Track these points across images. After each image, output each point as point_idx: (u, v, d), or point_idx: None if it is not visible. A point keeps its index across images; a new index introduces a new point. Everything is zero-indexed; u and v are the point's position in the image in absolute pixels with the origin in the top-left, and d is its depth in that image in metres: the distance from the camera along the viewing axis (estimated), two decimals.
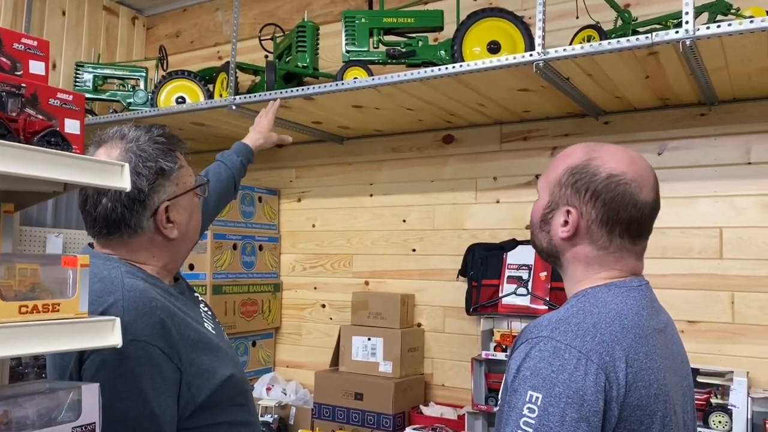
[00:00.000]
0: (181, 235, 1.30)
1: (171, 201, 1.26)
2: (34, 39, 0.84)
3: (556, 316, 1.07)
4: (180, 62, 3.39)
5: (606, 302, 1.08)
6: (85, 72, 2.96)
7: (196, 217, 1.36)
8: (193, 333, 1.23)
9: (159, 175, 1.24)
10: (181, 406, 1.18)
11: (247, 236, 2.97)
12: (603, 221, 1.12)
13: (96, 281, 1.16)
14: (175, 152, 1.30)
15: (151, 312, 1.16)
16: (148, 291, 1.20)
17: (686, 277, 2.23)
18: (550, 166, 1.22)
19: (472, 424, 2.37)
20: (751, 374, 2.07)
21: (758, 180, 2.16)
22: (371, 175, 2.94)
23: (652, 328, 1.10)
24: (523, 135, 2.59)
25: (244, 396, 1.32)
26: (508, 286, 2.44)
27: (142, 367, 1.12)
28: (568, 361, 0.98)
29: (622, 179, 1.12)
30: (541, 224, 1.19)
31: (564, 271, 1.19)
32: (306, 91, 2.29)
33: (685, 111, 2.29)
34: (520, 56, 1.93)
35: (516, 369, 1.02)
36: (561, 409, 0.95)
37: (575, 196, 1.13)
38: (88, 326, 0.79)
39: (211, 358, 1.24)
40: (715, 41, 1.68)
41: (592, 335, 1.01)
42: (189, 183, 1.32)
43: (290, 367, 3.09)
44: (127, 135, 1.26)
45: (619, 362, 1.00)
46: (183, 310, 1.26)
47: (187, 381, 1.18)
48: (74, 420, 0.83)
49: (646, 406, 1.01)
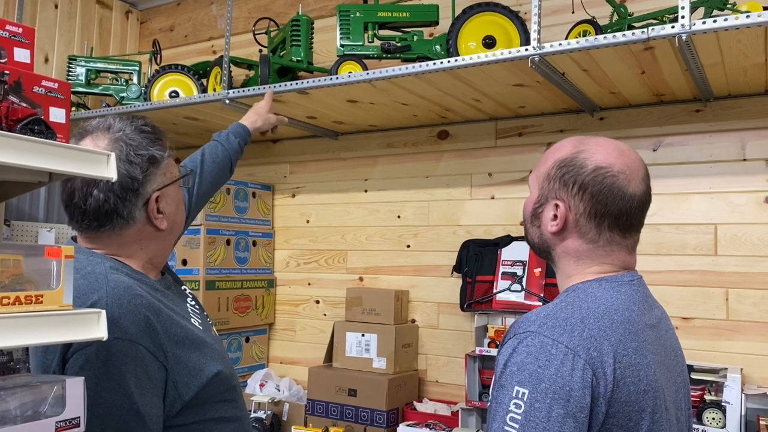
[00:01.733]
0: (170, 226, 1.29)
1: (161, 191, 1.25)
2: (19, 26, 0.83)
3: (545, 311, 1.06)
4: (174, 56, 3.37)
5: (596, 297, 1.07)
6: (77, 66, 2.93)
7: (181, 208, 1.35)
8: (179, 330, 1.21)
9: (151, 163, 1.23)
10: (168, 404, 1.17)
11: (241, 232, 2.95)
12: (591, 214, 1.11)
13: (79, 277, 1.14)
14: (161, 141, 1.28)
15: (136, 309, 1.14)
16: (133, 287, 1.18)
17: (680, 273, 2.22)
18: (540, 160, 1.21)
19: (465, 420, 2.36)
20: (744, 371, 2.06)
21: (753, 176, 2.15)
22: (366, 171, 2.93)
23: (643, 323, 1.08)
24: (518, 131, 2.58)
25: (232, 392, 1.30)
26: (502, 282, 2.43)
27: (128, 365, 1.10)
28: (555, 356, 0.97)
29: (609, 171, 1.10)
30: (532, 219, 1.18)
31: (556, 265, 1.19)
32: (300, 85, 2.27)
33: (681, 107, 2.28)
34: (515, 51, 1.92)
35: (503, 364, 1.01)
36: (547, 405, 0.94)
37: (563, 190, 1.13)
38: (73, 318, 0.78)
39: (198, 355, 1.22)
40: (711, 36, 1.67)
41: (580, 330, 1.00)
42: (175, 173, 1.31)
43: (284, 363, 3.07)
44: (113, 125, 1.25)
45: (607, 357, 0.99)
46: (169, 306, 1.24)
47: (174, 379, 1.17)
48: (58, 414, 0.82)
49: (634, 402, 0.99)
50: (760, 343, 2.10)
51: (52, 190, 2.90)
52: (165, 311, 1.21)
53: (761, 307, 2.10)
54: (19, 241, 2.70)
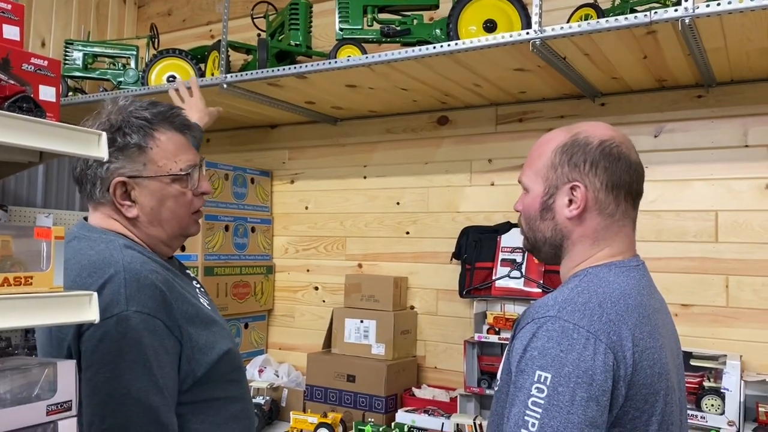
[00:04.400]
0: (146, 218, 1.26)
1: (132, 179, 1.23)
2: (8, 2, 0.81)
3: (561, 295, 1.06)
4: (171, 41, 3.33)
5: (608, 282, 1.08)
6: (74, 50, 2.90)
7: (172, 207, 1.28)
8: (190, 308, 1.23)
9: (119, 149, 1.22)
10: (180, 379, 1.18)
11: (239, 218, 2.94)
12: (609, 187, 1.12)
13: (93, 253, 1.16)
14: (152, 132, 1.25)
15: (153, 284, 1.15)
16: (148, 263, 1.20)
17: (681, 260, 2.21)
18: (529, 158, 1.22)
19: (464, 406, 2.36)
20: (744, 358, 2.06)
21: (755, 163, 2.13)
22: (365, 157, 2.91)
23: (652, 307, 1.10)
24: (518, 116, 2.56)
25: (238, 372, 1.33)
26: (501, 268, 2.42)
27: (146, 338, 1.12)
28: (577, 340, 0.97)
29: (614, 142, 1.13)
30: (541, 214, 1.17)
31: (566, 254, 1.17)
32: (299, 69, 2.25)
33: (683, 93, 2.26)
34: (516, 34, 1.89)
35: (523, 349, 1.01)
36: (571, 389, 0.95)
37: (575, 171, 1.13)
38: (64, 300, 0.77)
39: (208, 333, 1.24)
40: (715, 20, 1.65)
41: (599, 314, 1.00)
42: (165, 169, 1.26)
43: (282, 349, 3.07)
44: (117, 101, 1.27)
45: (626, 341, 0.99)
46: (180, 285, 1.26)
47: (187, 354, 1.18)
48: (50, 398, 0.81)
49: (650, 384, 1.01)
50: (759, 330, 2.09)
51: (50, 174, 2.88)
52: (178, 288, 1.22)
53: (761, 294, 2.09)
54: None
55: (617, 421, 0.99)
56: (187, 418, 1.19)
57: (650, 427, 1.01)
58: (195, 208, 1.33)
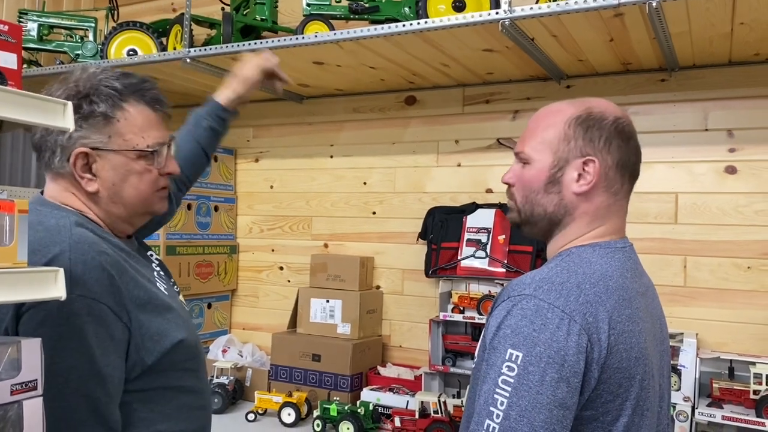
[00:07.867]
0: (106, 194, 1.20)
1: (94, 150, 1.17)
2: None
3: (539, 274, 1.04)
4: (132, 14, 3.22)
5: (591, 262, 1.06)
6: (29, 20, 2.78)
7: (135, 183, 1.22)
8: (143, 293, 1.17)
9: (83, 117, 1.16)
10: (129, 367, 1.13)
11: (202, 196, 2.89)
12: (618, 166, 1.10)
13: (41, 229, 1.09)
14: (121, 103, 1.19)
15: (100, 266, 1.09)
16: (98, 243, 1.13)
17: (641, 241, 2.26)
18: (532, 128, 1.15)
19: (428, 384, 2.38)
20: (699, 336, 2.13)
21: (714, 146, 2.19)
22: (331, 136, 2.88)
23: (635, 291, 1.08)
24: (485, 98, 2.56)
25: (195, 361, 1.27)
26: (467, 248, 2.44)
27: (90, 324, 1.06)
28: (551, 320, 0.96)
29: (625, 121, 1.12)
30: (547, 187, 1.11)
31: (560, 231, 1.13)
32: (264, 44, 2.20)
33: (646, 76, 2.29)
34: (485, 14, 1.89)
35: (496, 326, 0.99)
36: (541, 369, 0.93)
37: (589, 145, 1.09)
38: (28, 276, 0.74)
39: (161, 320, 1.18)
40: (681, 3, 1.67)
41: (576, 295, 0.99)
42: (131, 143, 1.20)
43: (246, 329, 3.04)
44: (88, 69, 1.20)
45: (602, 323, 0.98)
46: (134, 267, 1.20)
47: (136, 342, 1.13)
48: (14, 377, 0.78)
49: (626, 369, 0.99)
50: (715, 309, 2.16)
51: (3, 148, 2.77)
52: (130, 271, 1.16)
53: (717, 274, 2.16)
54: None
55: (589, 403, 0.98)
56: (134, 407, 1.14)
57: (623, 411, 0.99)
58: (159, 186, 1.27)
